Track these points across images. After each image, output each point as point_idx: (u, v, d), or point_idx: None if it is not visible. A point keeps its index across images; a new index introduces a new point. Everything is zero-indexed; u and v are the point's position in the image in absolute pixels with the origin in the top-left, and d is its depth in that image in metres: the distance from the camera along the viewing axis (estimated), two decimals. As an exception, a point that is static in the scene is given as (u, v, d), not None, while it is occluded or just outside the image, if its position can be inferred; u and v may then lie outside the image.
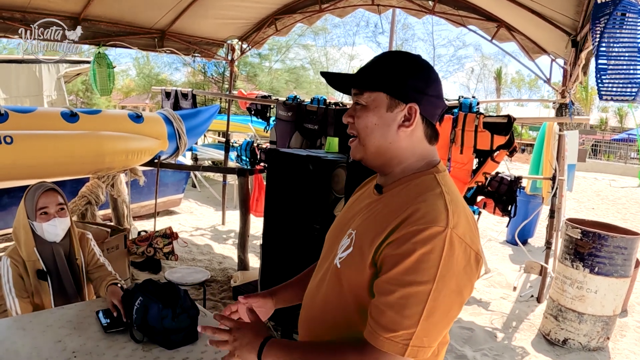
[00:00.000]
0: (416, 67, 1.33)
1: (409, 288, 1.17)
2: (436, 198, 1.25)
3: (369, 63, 1.37)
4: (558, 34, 4.53)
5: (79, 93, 19.46)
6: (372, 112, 1.32)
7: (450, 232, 1.18)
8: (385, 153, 1.34)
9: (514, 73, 37.93)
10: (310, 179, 3.57)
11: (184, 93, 7.47)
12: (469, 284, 1.24)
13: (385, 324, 1.19)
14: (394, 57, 1.37)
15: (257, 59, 17.89)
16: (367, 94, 1.33)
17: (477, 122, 4.61)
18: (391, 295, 1.19)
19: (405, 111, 1.30)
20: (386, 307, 1.19)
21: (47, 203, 2.53)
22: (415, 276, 1.17)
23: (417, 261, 1.17)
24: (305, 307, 1.53)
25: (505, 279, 6.05)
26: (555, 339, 4.39)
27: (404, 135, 1.32)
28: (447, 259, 1.17)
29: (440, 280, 1.16)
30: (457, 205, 1.26)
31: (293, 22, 7.03)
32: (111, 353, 1.92)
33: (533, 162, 7.09)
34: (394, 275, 1.19)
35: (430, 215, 1.20)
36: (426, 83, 1.31)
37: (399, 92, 1.30)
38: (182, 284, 4.16)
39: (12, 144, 3.88)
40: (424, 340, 1.19)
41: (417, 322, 1.16)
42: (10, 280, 2.48)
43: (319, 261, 1.56)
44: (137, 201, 7.28)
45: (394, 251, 1.20)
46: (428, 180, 1.31)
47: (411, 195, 1.28)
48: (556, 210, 5.25)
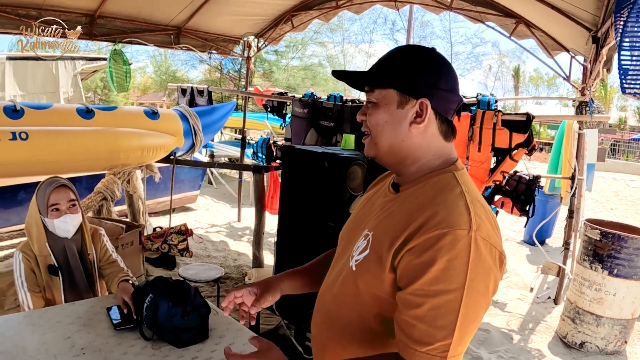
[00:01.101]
0: (427, 61, 1.28)
1: (439, 298, 1.12)
2: (456, 198, 1.20)
3: (381, 59, 1.34)
4: (578, 30, 4.45)
5: (97, 90, 19.60)
6: (383, 109, 1.29)
7: (475, 235, 1.13)
8: (398, 151, 1.30)
9: (532, 71, 37.58)
10: (326, 176, 3.53)
11: (199, 90, 7.48)
12: (495, 285, 1.20)
13: (419, 338, 1.14)
14: (405, 51, 1.32)
15: (274, 56, 17.90)
16: (377, 91, 1.30)
17: (495, 120, 4.54)
18: (420, 308, 1.14)
19: (417, 107, 1.26)
20: (417, 320, 1.14)
21: (59, 199, 2.52)
22: (443, 285, 1.12)
23: (443, 269, 1.12)
24: (317, 308, 1.50)
25: (522, 279, 5.97)
26: (572, 341, 4.31)
27: (417, 132, 1.27)
28: (474, 262, 1.12)
29: (469, 286, 1.12)
30: (478, 205, 1.21)
31: (309, 18, 7.01)
32: (120, 350, 1.90)
33: (552, 161, 6.99)
34: (421, 287, 1.14)
35: (452, 218, 1.15)
36: (438, 77, 1.26)
37: (408, 87, 1.26)
38: (195, 280, 4.15)
39: (27, 140, 3.90)
40: (459, 348, 1.15)
41: (452, 332, 1.12)
42: (22, 274, 2.49)
43: (333, 261, 1.52)
44: (153, 197, 7.31)
45: (416, 259, 1.15)
46: (447, 179, 1.27)
47: (429, 196, 1.23)
48: (575, 211, 5.15)
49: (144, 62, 23.63)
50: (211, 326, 2.14)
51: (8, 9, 5.26)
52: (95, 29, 6.11)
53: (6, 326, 2.03)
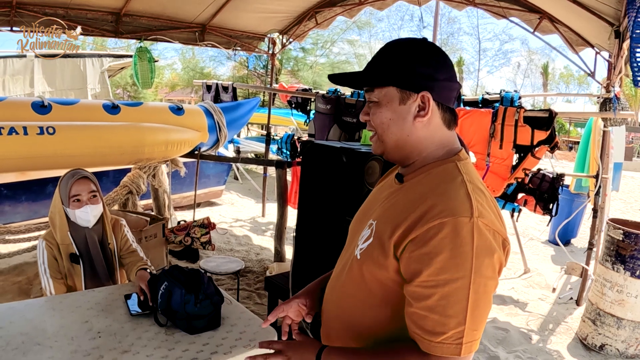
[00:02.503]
0: (422, 53, 1.28)
1: (447, 287, 1.13)
2: (457, 187, 1.21)
3: (374, 57, 1.34)
4: (601, 25, 4.39)
5: (126, 87, 19.88)
6: (385, 108, 1.30)
7: (477, 221, 1.14)
8: (404, 146, 1.31)
9: (562, 68, 36.90)
10: (344, 171, 3.57)
11: (224, 86, 7.57)
12: (500, 267, 1.21)
13: (432, 329, 1.15)
14: (398, 46, 1.32)
15: (301, 54, 17.95)
16: (377, 90, 1.31)
17: (517, 117, 4.51)
18: (430, 299, 1.15)
19: (419, 101, 1.27)
20: (428, 312, 1.16)
21: (80, 191, 2.62)
22: (450, 273, 1.13)
23: (449, 257, 1.13)
24: (326, 297, 1.53)
25: (544, 279, 5.90)
26: (592, 344, 4.24)
27: (421, 125, 1.29)
28: (479, 248, 1.13)
29: (476, 272, 1.13)
30: (480, 193, 1.22)
31: (333, 15, 7.02)
32: (134, 335, 1.97)
33: (578, 159, 6.89)
34: (428, 277, 1.15)
35: (453, 206, 1.16)
36: (435, 68, 1.27)
37: (408, 83, 1.27)
38: (216, 272, 4.23)
39: (55, 134, 4.02)
40: (474, 333, 1.16)
41: (465, 319, 1.13)
42: (45, 261, 2.59)
43: (342, 252, 1.54)
44: (179, 192, 7.44)
45: (420, 250, 1.16)
46: (449, 169, 1.28)
47: (431, 185, 1.25)
48: (599, 210, 5.05)
49: (172, 59, 23.92)
50: (224, 315, 2.20)
51: (36, 8, 5.40)
52: (121, 27, 6.24)
53: (28, 309, 2.13)
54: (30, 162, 4.07)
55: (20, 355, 1.74)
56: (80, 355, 1.77)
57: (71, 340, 1.87)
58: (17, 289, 4.45)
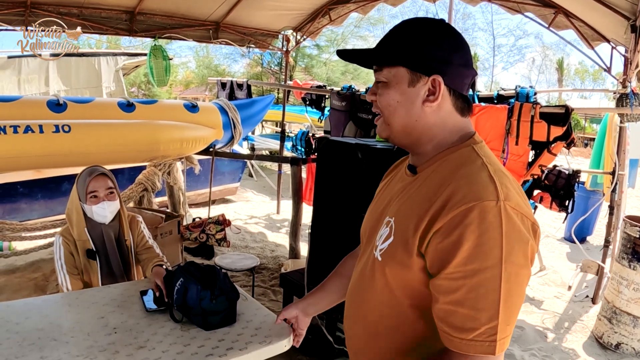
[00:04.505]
0: (437, 34, 1.20)
1: (476, 278, 1.04)
2: (479, 170, 1.13)
3: (386, 35, 1.27)
4: (617, 19, 4.33)
5: (141, 85, 19.99)
6: (394, 89, 1.22)
7: (504, 205, 1.05)
8: (412, 131, 1.24)
9: (577, 64, 36.48)
10: (359, 168, 3.55)
11: (239, 84, 7.58)
12: (532, 255, 1.11)
13: (462, 325, 1.06)
14: (412, 25, 1.24)
15: (316, 51, 17.94)
16: (386, 70, 1.23)
17: (533, 113, 4.47)
18: (458, 292, 1.06)
19: (429, 84, 1.19)
20: (456, 306, 1.06)
21: (97, 187, 2.63)
22: (479, 263, 1.04)
23: (476, 245, 1.04)
24: (348, 307, 1.44)
25: (560, 277, 5.85)
26: (607, 342, 4.18)
27: (430, 110, 1.21)
28: (508, 233, 1.04)
29: (507, 259, 1.03)
30: (503, 175, 1.14)
31: (347, 11, 7.00)
32: (150, 331, 1.97)
33: (594, 156, 6.80)
34: (455, 269, 1.06)
35: (476, 190, 1.08)
36: (450, 51, 1.19)
37: (419, 64, 1.19)
38: (231, 269, 4.23)
39: (70, 132, 4.05)
40: (508, 328, 1.06)
41: (497, 312, 1.03)
42: (62, 257, 2.61)
43: (358, 258, 1.46)
44: (194, 189, 7.47)
45: (445, 240, 1.07)
46: (466, 153, 1.20)
47: (449, 171, 1.16)
48: (615, 207, 4.99)
49: (186, 57, 24.02)
50: (239, 311, 2.19)
51: (50, 7, 5.44)
52: (135, 26, 6.27)
53: (45, 305, 2.13)
54: (46, 159, 4.10)
55: (37, 350, 1.74)
56: (96, 350, 1.77)
57: (87, 335, 1.87)
58: (34, 286, 4.49)
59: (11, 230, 4.70)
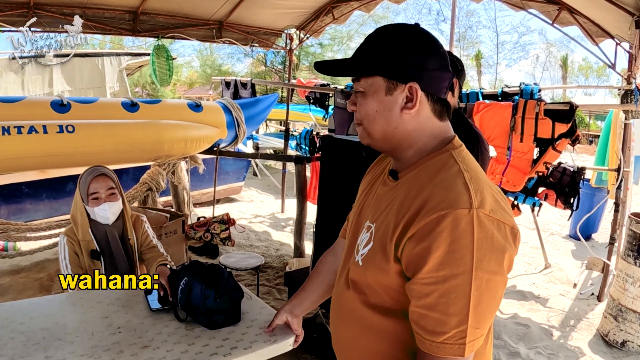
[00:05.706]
0: (410, 41, 1.21)
1: (447, 284, 1.08)
2: (454, 177, 1.15)
3: (362, 45, 1.28)
4: (621, 15, 4.30)
5: (145, 85, 20.03)
6: (372, 99, 1.24)
7: (477, 212, 1.07)
8: (392, 138, 1.25)
9: (581, 60, 36.28)
10: (364, 166, 3.53)
11: (243, 83, 7.59)
12: (509, 262, 1.13)
13: (433, 328, 1.11)
14: (386, 33, 1.25)
15: (319, 49, 17.94)
16: (363, 80, 1.25)
17: (537, 110, 4.46)
18: (430, 297, 1.10)
19: (406, 92, 1.20)
20: (428, 310, 1.11)
21: (98, 188, 2.63)
22: (450, 269, 1.07)
23: (447, 252, 1.07)
24: (332, 309, 1.48)
25: (565, 275, 5.82)
26: (613, 340, 4.15)
27: (409, 117, 1.22)
28: (480, 241, 1.06)
29: (478, 267, 1.06)
30: (479, 182, 1.15)
31: (350, 9, 6.98)
32: (154, 330, 1.97)
33: (599, 153, 6.78)
34: (427, 274, 1.10)
35: (450, 198, 1.10)
36: (424, 56, 1.20)
37: (395, 72, 1.20)
38: (236, 268, 4.23)
39: (74, 132, 4.05)
40: (477, 331, 1.10)
41: (467, 317, 1.07)
42: (66, 257, 2.61)
43: (342, 261, 1.48)
44: (198, 188, 7.47)
45: (417, 246, 1.11)
46: (444, 159, 1.21)
47: (427, 178, 1.19)
48: (621, 204, 4.96)
49: (190, 56, 24.04)
50: (244, 310, 2.19)
51: (53, 8, 5.45)
52: (138, 25, 6.27)
53: (49, 305, 2.14)
54: (50, 160, 4.10)
55: (41, 350, 1.74)
56: (100, 350, 1.77)
57: (91, 335, 1.88)
58: (38, 285, 4.50)
59: (16, 230, 4.72)
